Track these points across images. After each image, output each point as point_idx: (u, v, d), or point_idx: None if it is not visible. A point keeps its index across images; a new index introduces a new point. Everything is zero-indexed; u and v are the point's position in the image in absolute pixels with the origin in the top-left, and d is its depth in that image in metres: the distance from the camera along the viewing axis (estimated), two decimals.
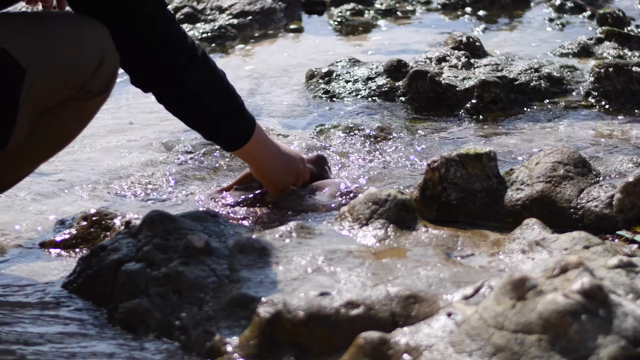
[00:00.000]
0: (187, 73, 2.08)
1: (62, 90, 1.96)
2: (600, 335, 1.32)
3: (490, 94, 3.29)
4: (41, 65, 1.89)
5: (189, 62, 2.08)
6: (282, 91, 3.68)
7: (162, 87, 2.12)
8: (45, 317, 1.79)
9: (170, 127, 3.19)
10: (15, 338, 1.68)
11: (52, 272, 2.03)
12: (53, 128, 2.03)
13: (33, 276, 2.00)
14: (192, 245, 1.76)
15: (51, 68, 1.91)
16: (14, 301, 1.88)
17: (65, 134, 2.08)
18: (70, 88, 1.97)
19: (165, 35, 2.05)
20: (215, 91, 2.15)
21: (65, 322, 1.77)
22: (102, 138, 3.09)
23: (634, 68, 3.35)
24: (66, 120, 2.04)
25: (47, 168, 2.71)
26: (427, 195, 2.20)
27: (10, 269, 2.05)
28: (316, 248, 1.79)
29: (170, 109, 2.17)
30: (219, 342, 1.58)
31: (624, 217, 2.07)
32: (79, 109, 2.04)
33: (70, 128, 2.08)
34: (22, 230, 2.28)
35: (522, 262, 1.76)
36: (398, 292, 1.57)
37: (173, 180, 2.61)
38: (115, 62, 2.02)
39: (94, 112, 2.09)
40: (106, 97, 2.08)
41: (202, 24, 4.74)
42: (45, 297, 1.88)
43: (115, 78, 2.06)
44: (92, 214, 2.19)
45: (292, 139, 2.94)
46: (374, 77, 3.52)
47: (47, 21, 1.94)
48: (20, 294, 1.91)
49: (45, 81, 1.90)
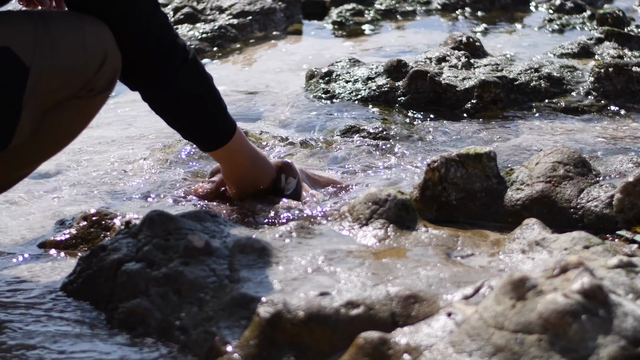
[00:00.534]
0: (178, 74, 2.12)
1: (64, 89, 1.97)
2: (600, 335, 1.32)
3: (490, 94, 3.29)
4: (44, 63, 1.89)
5: (180, 63, 2.10)
6: (282, 92, 3.68)
7: (152, 86, 2.13)
8: (45, 318, 1.79)
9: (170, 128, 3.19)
10: (14, 339, 1.69)
11: (52, 272, 2.02)
12: (55, 127, 2.03)
13: (32, 277, 2.00)
14: (192, 245, 1.75)
15: (54, 66, 1.91)
16: (13, 302, 1.88)
17: (66, 133, 2.08)
18: (73, 86, 1.97)
19: (158, 37, 2.06)
20: (202, 92, 2.19)
21: (64, 323, 1.77)
22: (102, 139, 3.09)
23: (634, 68, 3.36)
24: (68, 119, 2.04)
25: (46, 168, 2.71)
26: (427, 195, 2.20)
27: (10, 270, 2.05)
28: (316, 248, 1.79)
29: (154, 106, 2.21)
30: (219, 342, 1.58)
31: (624, 217, 2.07)
32: (81, 108, 2.04)
33: (72, 127, 2.08)
34: (22, 231, 2.28)
35: (522, 262, 1.76)
36: (398, 292, 1.57)
37: (173, 180, 2.61)
38: (117, 61, 2.03)
39: (95, 111, 2.10)
40: (108, 96, 2.08)
41: (202, 24, 4.74)
42: (44, 298, 1.88)
43: (117, 77, 2.07)
44: (92, 214, 2.19)
45: (293, 140, 2.94)
46: (374, 77, 3.52)
47: (49, 20, 1.94)
48: (19, 295, 1.91)
49: (48, 80, 1.91)
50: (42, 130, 2.00)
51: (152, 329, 1.68)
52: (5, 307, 1.84)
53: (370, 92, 3.43)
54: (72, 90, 1.98)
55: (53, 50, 1.91)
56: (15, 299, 1.89)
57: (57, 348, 1.66)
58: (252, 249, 1.77)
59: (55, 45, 1.91)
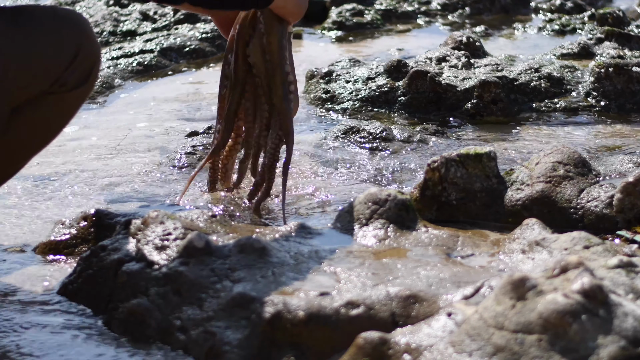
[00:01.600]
0: None
1: (34, 84, 1.93)
2: (600, 335, 1.31)
3: (490, 94, 3.29)
4: (12, 54, 1.86)
5: None
6: None
7: None
8: (44, 320, 1.79)
9: (170, 128, 3.20)
10: (13, 342, 1.68)
11: (52, 274, 2.02)
12: (32, 123, 1.99)
13: (31, 278, 2.00)
14: (192, 245, 1.75)
15: (22, 60, 1.88)
16: (11, 302, 1.88)
17: (46, 130, 2.04)
18: (43, 81, 1.94)
19: None
20: None
21: (64, 324, 1.77)
22: (103, 140, 3.09)
23: (634, 68, 3.36)
24: (45, 115, 2.00)
25: (46, 168, 2.72)
26: (427, 195, 2.20)
27: (9, 271, 2.05)
28: (316, 248, 1.79)
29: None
30: (219, 342, 1.58)
31: (624, 217, 2.07)
32: (57, 103, 2.00)
33: (51, 123, 2.04)
34: (21, 232, 2.28)
35: (522, 262, 1.76)
36: (398, 292, 1.57)
37: (173, 180, 2.61)
38: (94, 55, 2.00)
39: (74, 107, 2.05)
40: (87, 91, 2.04)
41: (202, 24, 4.73)
42: (43, 299, 1.88)
43: (96, 71, 2.03)
44: (92, 214, 2.18)
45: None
46: (374, 77, 3.52)
47: (20, 13, 1.91)
48: (18, 296, 1.91)
49: (15, 73, 1.87)
50: (20, 128, 1.96)
51: (152, 329, 1.68)
52: (3, 309, 1.84)
53: (371, 92, 3.43)
54: (42, 85, 1.94)
55: (21, 44, 1.88)
56: (14, 299, 1.89)
57: (56, 349, 1.66)
58: (252, 249, 1.77)
59: (24, 38, 1.89)
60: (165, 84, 3.96)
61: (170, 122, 3.28)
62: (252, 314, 1.59)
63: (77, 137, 3.09)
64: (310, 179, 2.61)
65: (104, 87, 3.80)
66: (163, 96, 3.70)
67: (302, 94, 3.56)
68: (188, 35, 4.56)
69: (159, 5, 4.88)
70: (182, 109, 3.48)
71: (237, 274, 1.70)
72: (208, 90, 3.74)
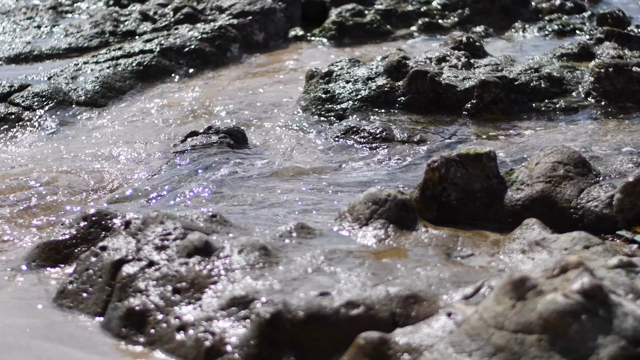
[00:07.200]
0: None
1: None
2: (600, 335, 1.32)
3: (490, 94, 3.29)
4: None
5: None
6: (282, 92, 3.68)
7: None
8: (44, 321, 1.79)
9: (170, 132, 3.20)
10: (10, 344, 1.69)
11: (52, 275, 2.02)
12: None
13: (30, 281, 2.00)
14: (192, 245, 1.75)
15: None
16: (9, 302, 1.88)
17: None
18: None
19: None
20: None
21: (63, 325, 1.77)
22: (102, 140, 3.10)
23: (634, 68, 3.36)
24: None
25: (46, 169, 2.72)
26: (427, 195, 2.20)
27: (8, 270, 2.05)
28: (316, 248, 1.79)
29: None
30: (219, 342, 1.58)
31: (624, 217, 2.07)
32: None
33: None
34: (20, 233, 2.28)
35: (522, 262, 1.76)
36: (398, 292, 1.57)
37: (173, 180, 2.61)
38: None
39: None
40: None
41: (202, 24, 4.74)
42: (43, 300, 1.88)
43: None
44: (92, 214, 2.18)
45: (292, 141, 2.94)
46: (374, 77, 3.52)
47: None
48: (16, 297, 1.91)
49: None
50: None
51: (151, 329, 1.68)
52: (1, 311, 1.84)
53: (370, 92, 3.43)
54: None
55: None
56: (13, 299, 1.90)
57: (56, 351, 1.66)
58: (252, 248, 1.77)
59: None
60: (167, 85, 3.96)
61: (170, 126, 3.28)
62: (252, 314, 1.59)
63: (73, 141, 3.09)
64: (310, 178, 2.61)
65: (105, 89, 3.80)
66: (164, 97, 3.70)
67: (302, 94, 3.56)
68: (188, 35, 4.56)
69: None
70: (183, 109, 3.48)
71: (238, 274, 1.70)
72: (212, 90, 3.74)
